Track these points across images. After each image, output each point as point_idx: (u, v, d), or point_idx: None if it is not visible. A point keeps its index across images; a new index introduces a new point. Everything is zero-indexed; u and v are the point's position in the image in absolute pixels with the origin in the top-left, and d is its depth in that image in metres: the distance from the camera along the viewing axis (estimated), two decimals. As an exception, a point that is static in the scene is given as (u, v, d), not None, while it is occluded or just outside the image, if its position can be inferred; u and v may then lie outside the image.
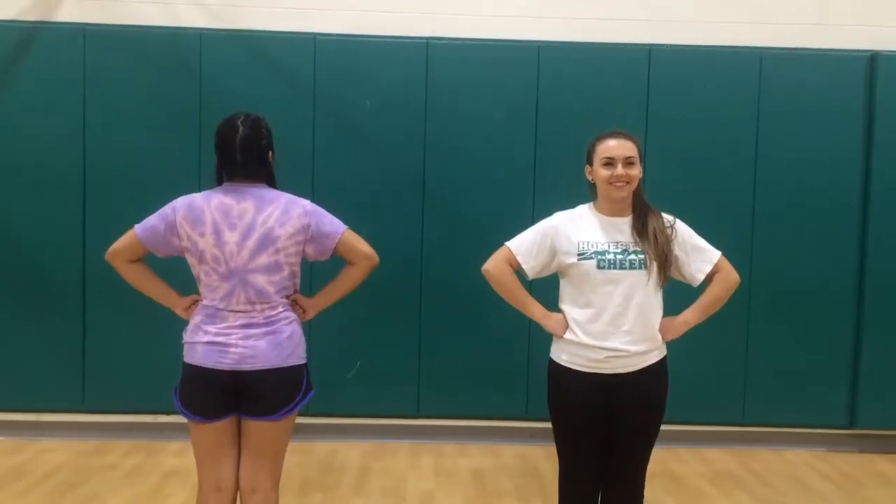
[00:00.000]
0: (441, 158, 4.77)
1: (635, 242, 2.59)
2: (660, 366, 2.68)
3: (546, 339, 2.77)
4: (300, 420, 2.77)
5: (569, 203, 2.79)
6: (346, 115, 4.74)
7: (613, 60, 4.77)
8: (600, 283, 2.57)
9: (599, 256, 2.57)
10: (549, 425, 2.74)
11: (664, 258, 2.59)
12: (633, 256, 2.58)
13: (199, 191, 2.62)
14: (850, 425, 4.89)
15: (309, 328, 2.78)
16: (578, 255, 2.60)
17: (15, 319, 4.72)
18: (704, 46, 4.81)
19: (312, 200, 2.64)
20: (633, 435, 2.65)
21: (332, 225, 2.63)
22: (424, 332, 4.82)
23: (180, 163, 4.57)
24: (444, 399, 4.85)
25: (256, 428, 2.57)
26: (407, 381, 4.83)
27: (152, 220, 2.59)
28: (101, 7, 4.75)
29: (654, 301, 2.61)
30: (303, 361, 2.63)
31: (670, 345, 2.72)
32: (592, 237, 2.62)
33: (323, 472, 4.34)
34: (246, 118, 2.59)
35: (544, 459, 4.55)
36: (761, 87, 4.79)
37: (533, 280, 2.75)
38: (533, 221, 2.77)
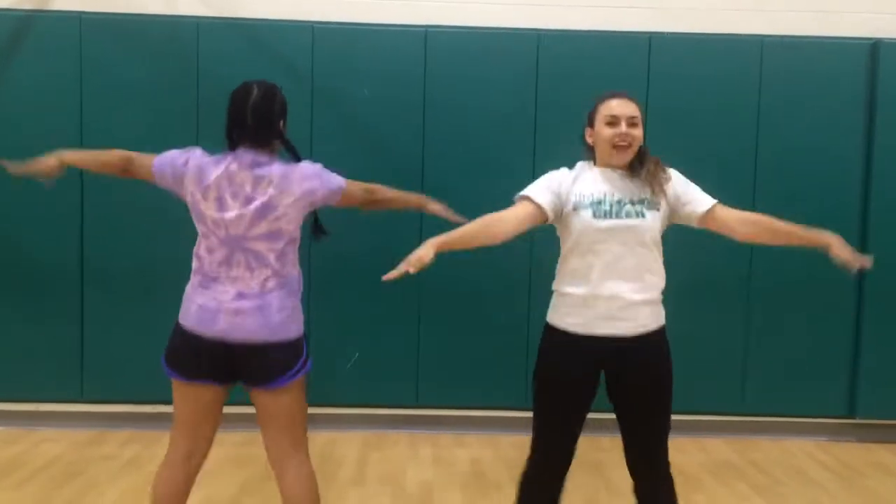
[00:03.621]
0: (439, 147, 4.74)
1: (632, 191, 2.53)
2: (660, 334, 2.60)
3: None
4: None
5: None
6: (344, 104, 4.72)
7: (613, 48, 4.74)
8: (597, 231, 2.49)
9: (595, 207, 2.51)
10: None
11: (660, 186, 2.51)
12: (629, 207, 2.50)
13: None
14: (850, 415, 4.89)
15: (308, 318, 2.75)
16: (574, 204, 2.54)
17: (13, 309, 4.72)
18: (705, 34, 4.78)
19: None
20: (643, 407, 2.56)
21: (337, 180, 2.65)
22: (423, 322, 4.81)
23: (177, 152, 4.54)
24: (443, 389, 4.84)
25: (261, 399, 2.57)
26: (405, 371, 4.83)
27: (166, 166, 2.63)
28: (97, -6, 4.72)
29: (652, 253, 2.54)
30: (297, 335, 2.59)
31: (669, 335, 2.66)
32: (588, 188, 2.55)
33: (322, 461, 4.32)
34: (262, 84, 2.60)
35: (543, 449, 4.54)
36: (762, 75, 4.76)
37: (536, 261, 2.68)
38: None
